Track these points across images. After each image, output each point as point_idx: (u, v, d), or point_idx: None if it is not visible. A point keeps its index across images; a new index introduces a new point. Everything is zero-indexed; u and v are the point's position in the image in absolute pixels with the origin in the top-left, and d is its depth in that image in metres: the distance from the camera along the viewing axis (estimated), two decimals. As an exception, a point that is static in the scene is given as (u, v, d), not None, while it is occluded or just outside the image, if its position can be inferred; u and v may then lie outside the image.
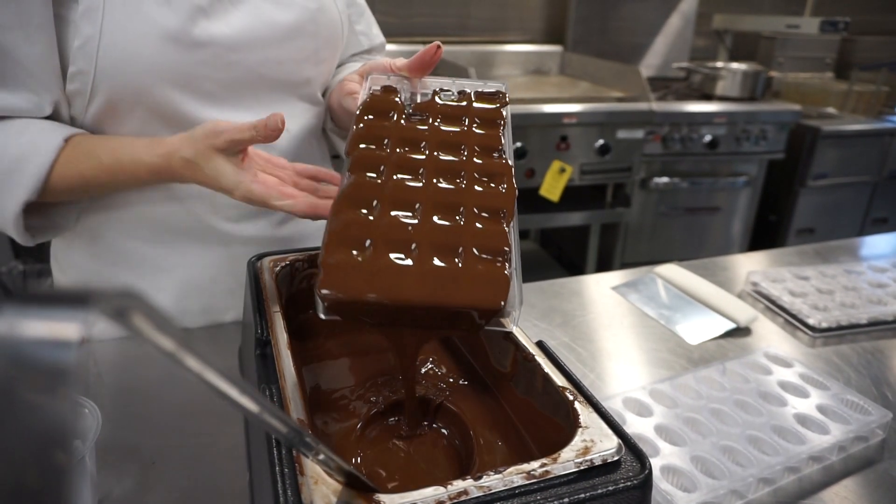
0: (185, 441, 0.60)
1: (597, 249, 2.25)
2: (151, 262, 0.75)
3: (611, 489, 0.33)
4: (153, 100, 0.64)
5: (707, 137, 2.14)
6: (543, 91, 2.19)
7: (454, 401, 0.47)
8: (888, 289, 0.93)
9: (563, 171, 1.96)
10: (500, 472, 0.32)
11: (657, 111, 2.03)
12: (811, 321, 0.84)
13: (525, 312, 0.87)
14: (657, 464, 0.55)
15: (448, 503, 0.31)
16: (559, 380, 0.40)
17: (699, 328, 0.84)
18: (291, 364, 0.41)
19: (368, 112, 0.50)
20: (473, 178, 0.45)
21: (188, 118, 0.66)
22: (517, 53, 2.53)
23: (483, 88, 0.53)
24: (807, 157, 2.29)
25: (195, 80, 0.65)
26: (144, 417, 0.63)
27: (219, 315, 0.79)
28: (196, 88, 0.65)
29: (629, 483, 0.33)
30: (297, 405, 0.37)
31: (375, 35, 0.88)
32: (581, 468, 0.33)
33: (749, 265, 1.06)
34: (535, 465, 0.33)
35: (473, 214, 0.42)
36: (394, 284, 0.37)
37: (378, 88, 0.53)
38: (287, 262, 0.55)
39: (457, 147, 0.47)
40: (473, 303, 0.37)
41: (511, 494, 0.32)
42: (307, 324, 0.57)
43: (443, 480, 0.32)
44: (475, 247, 0.40)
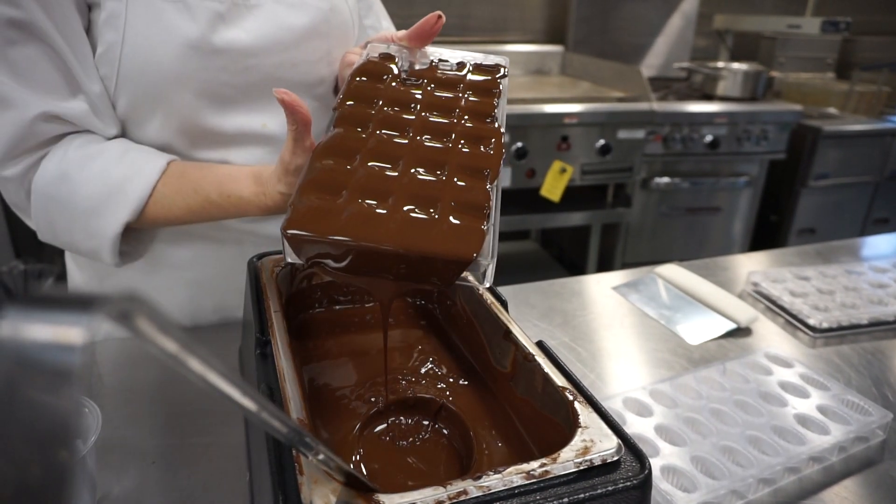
0: (185, 441, 0.60)
1: (597, 249, 2.25)
2: (166, 260, 0.75)
3: (610, 489, 0.33)
4: (172, 105, 0.64)
5: (708, 137, 2.14)
6: (544, 91, 2.18)
7: (454, 401, 0.47)
8: (889, 289, 0.93)
9: (564, 172, 1.96)
10: (500, 472, 0.32)
11: (658, 111, 2.03)
12: (812, 321, 0.84)
13: (525, 312, 0.87)
14: (657, 464, 0.55)
15: (447, 503, 0.31)
16: (559, 380, 0.40)
17: (700, 328, 0.84)
18: (291, 364, 0.41)
19: (362, 74, 0.49)
20: (461, 139, 0.44)
21: (205, 123, 0.67)
22: (518, 53, 2.53)
23: (483, 61, 0.53)
24: (808, 158, 2.29)
25: (213, 86, 0.65)
26: (144, 417, 0.63)
27: (231, 313, 0.80)
28: (214, 93, 0.66)
29: (629, 483, 0.33)
30: (297, 405, 0.37)
31: (385, 28, 0.87)
32: (581, 468, 0.33)
33: (750, 265, 1.06)
34: (535, 465, 0.33)
35: (456, 171, 0.41)
36: (364, 228, 0.36)
37: (375, 56, 0.53)
38: (287, 262, 0.55)
39: (448, 110, 0.46)
40: (445, 252, 0.35)
41: (510, 494, 0.32)
42: (307, 323, 0.57)
43: (442, 480, 0.32)
44: (454, 200, 0.38)
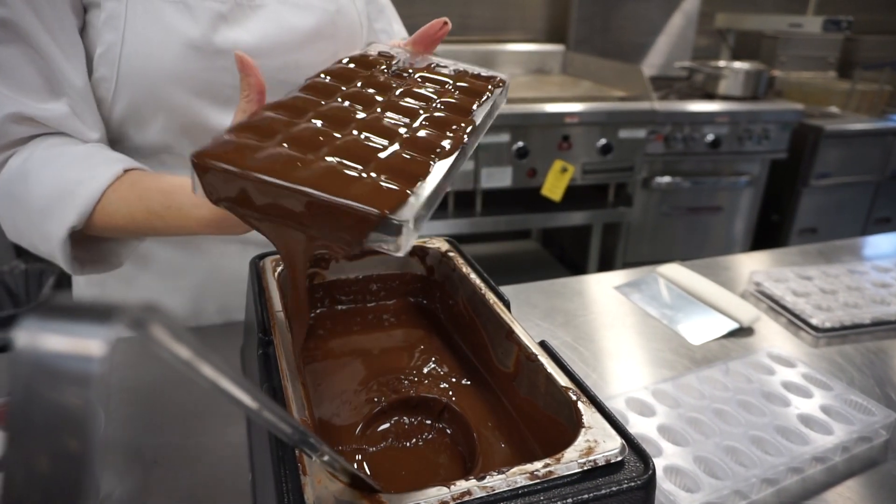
0: (188, 441, 0.60)
1: (599, 249, 2.25)
2: (169, 264, 0.75)
3: (614, 489, 0.32)
4: (174, 106, 0.64)
5: (709, 137, 2.13)
6: (545, 90, 2.18)
7: (457, 401, 0.47)
8: (891, 288, 0.93)
9: (565, 171, 1.95)
10: (504, 473, 0.32)
11: (659, 110, 2.02)
12: (814, 321, 0.84)
13: (527, 312, 0.87)
14: (660, 464, 0.55)
15: (451, 503, 0.30)
16: (562, 380, 0.40)
17: (702, 328, 0.84)
18: (294, 364, 0.40)
19: (350, 61, 0.49)
20: (426, 122, 0.41)
21: (208, 124, 0.66)
22: (519, 53, 2.52)
23: (484, 72, 0.51)
24: (809, 157, 2.28)
25: (215, 87, 0.65)
26: (146, 417, 0.63)
27: (234, 313, 0.80)
28: (216, 95, 0.66)
29: (633, 483, 0.33)
30: (300, 405, 0.37)
31: (397, 32, 0.86)
32: (584, 468, 0.33)
33: (752, 265, 1.06)
34: (539, 466, 0.33)
35: (407, 144, 0.38)
36: (278, 167, 0.33)
37: (374, 52, 0.52)
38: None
39: (426, 100, 0.44)
40: (353, 202, 0.32)
41: (514, 495, 0.31)
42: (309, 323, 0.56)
43: (446, 480, 0.32)
44: (389, 165, 0.36)
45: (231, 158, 0.33)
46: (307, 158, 0.35)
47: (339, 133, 0.38)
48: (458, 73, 0.50)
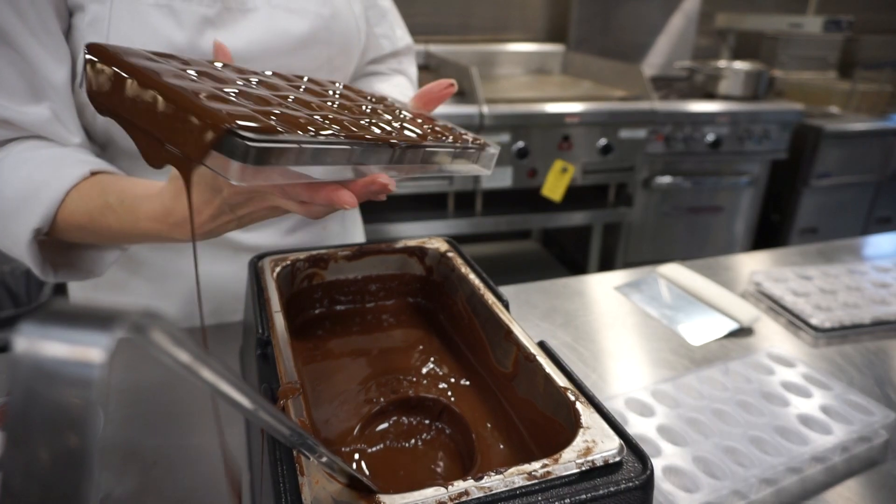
0: (186, 442, 0.60)
1: (599, 249, 2.25)
2: (161, 268, 0.75)
3: (612, 490, 0.32)
4: None
5: (710, 137, 2.13)
6: (545, 90, 2.18)
7: (455, 401, 0.47)
8: (891, 288, 0.93)
9: (566, 171, 1.95)
10: (502, 473, 0.32)
11: (660, 111, 2.02)
12: (814, 321, 0.84)
13: (527, 312, 0.87)
14: (659, 464, 0.55)
15: (449, 503, 0.31)
16: (561, 380, 0.40)
17: (702, 328, 0.84)
18: (292, 364, 0.40)
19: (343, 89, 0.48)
20: (363, 113, 0.40)
21: None
22: (519, 53, 2.52)
23: (471, 135, 0.49)
24: (810, 157, 2.28)
25: None
26: (145, 418, 0.63)
27: (226, 316, 0.80)
28: None
29: (631, 484, 0.33)
30: (298, 405, 0.37)
31: (399, 37, 0.85)
32: (583, 469, 0.33)
33: (752, 265, 1.06)
34: (537, 466, 0.33)
35: (324, 109, 0.37)
36: (159, 76, 0.32)
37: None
38: (288, 263, 0.55)
39: (389, 114, 0.43)
40: (202, 109, 0.30)
41: (512, 495, 0.31)
42: (308, 324, 0.57)
43: (444, 481, 0.32)
44: (285, 115, 0.34)
45: (122, 56, 0.33)
46: (192, 80, 0.33)
47: (263, 90, 0.36)
48: (444, 126, 0.49)
